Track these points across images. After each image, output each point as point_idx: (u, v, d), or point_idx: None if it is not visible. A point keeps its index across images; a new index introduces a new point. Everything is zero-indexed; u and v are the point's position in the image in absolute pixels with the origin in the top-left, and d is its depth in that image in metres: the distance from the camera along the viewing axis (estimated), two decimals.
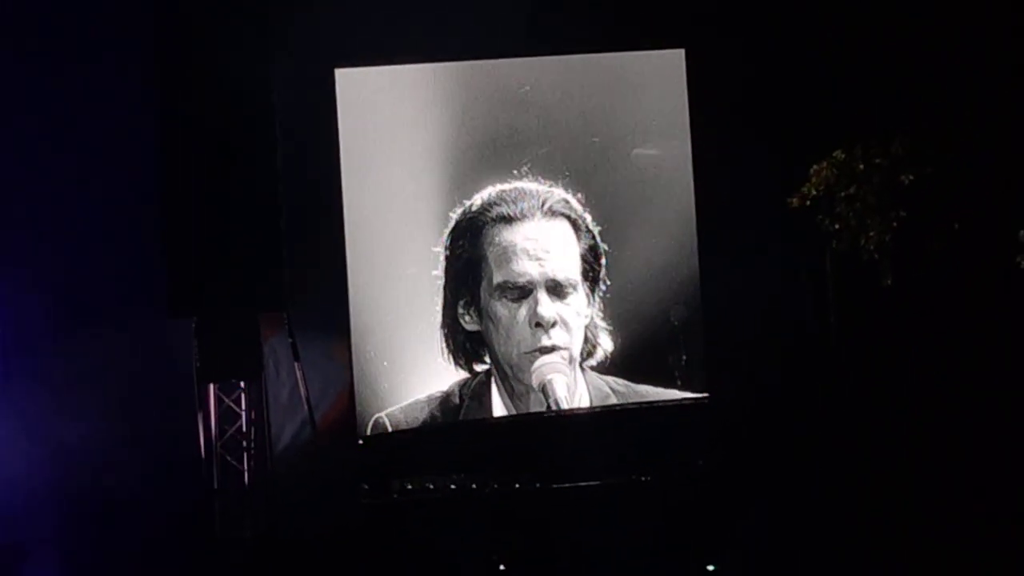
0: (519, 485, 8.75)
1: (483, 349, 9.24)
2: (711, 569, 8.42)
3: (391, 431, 9.18)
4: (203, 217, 8.81)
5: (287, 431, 9.45)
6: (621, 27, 9.57)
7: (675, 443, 8.86)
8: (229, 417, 9.27)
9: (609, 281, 9.39)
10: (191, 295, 8.81)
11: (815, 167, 9.08)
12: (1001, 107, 8.82)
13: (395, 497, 8.76)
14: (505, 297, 9.15)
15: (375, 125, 9.43)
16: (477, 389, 9.26)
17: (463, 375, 9.27)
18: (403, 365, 9.28)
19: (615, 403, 9.22)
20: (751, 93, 9.58)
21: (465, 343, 9.25)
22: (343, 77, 9.43)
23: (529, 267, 9.17)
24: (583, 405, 9.19)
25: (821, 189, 9.05)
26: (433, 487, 8.78)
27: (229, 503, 9.17)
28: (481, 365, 9.25)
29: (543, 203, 9.30)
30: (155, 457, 9.03)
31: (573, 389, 9.16)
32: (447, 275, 9.29)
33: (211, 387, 9.18)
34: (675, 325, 9.47)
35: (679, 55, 9.61)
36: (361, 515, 8.76)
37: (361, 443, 9.18)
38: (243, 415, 9.27)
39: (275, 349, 9.37)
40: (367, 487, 8.83)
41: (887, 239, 8.87)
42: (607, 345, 9.34)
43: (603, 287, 9.38)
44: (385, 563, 8.56)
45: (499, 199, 9.29)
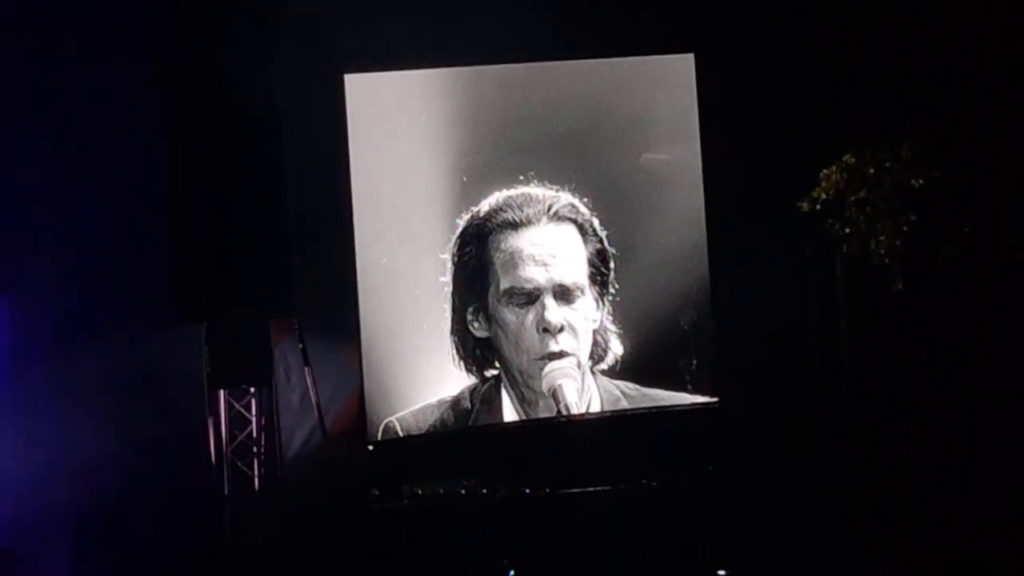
0: (529, 490, 8.75)
1: (493, 355, 9.21)
2: (722, 574, 8.41)
3: (402, 435, 9.15)
4: (212, 222, 8.79)
5: (297, 437, 9.45)
6: (630, 32, 9.55)
7: (685, 448, 8.84)
8: (239, 423, 9.25)
9: (619, 285, 9.37)
10: (200, 301, 8.80)
11: (825, 171, 9.08)
12: (1012, 111, 8.83)
13: (405, 502, 8.75)
14: (512, 303, 9.12)
15: (384, 130, 9.40)
16: (487, 394, 9.23)
17: (473, 380, 9.26)
18: (413, 370, 9.26)
19: (626, 407, 9.19)
20: (760, 98, 9.56)
21: (475, 349, 9.22)
22: (352, 82, 9.42)
23: (535, 273, 9.13)
24: (594, 409, 9.16)
25: (831, 193, 9.05)
26: (443, 492, 8.77)
27: (239, 509, 9.16)
28: (492, 371, 9.23)
29: (549, 208, 9.25)
30: (165, 463, 9.01)
31: (584, 393, 9.14)
32: (455, 282, 9.25)
33: (221, 393, 9.17)
34: (685, 329, 9.45)
35: (689, 60, 9.56)
36: (372, 520, 8.75)
37: (371, 448, 9.16)
38: (253, 421, 9.25)
39: (285, 355, 9.37)
40: (377, 492, 8.81)
41: (897, 243, 8.86)
42: (617, 349, 9.32)
43: (612, 291, 9.36)
44: (395, 568, 8.57)
45: (506, 205, 9.25)
